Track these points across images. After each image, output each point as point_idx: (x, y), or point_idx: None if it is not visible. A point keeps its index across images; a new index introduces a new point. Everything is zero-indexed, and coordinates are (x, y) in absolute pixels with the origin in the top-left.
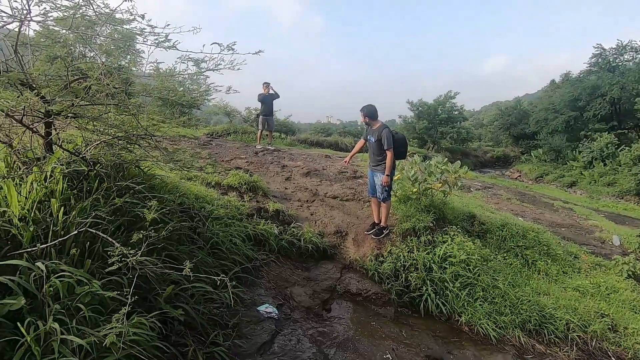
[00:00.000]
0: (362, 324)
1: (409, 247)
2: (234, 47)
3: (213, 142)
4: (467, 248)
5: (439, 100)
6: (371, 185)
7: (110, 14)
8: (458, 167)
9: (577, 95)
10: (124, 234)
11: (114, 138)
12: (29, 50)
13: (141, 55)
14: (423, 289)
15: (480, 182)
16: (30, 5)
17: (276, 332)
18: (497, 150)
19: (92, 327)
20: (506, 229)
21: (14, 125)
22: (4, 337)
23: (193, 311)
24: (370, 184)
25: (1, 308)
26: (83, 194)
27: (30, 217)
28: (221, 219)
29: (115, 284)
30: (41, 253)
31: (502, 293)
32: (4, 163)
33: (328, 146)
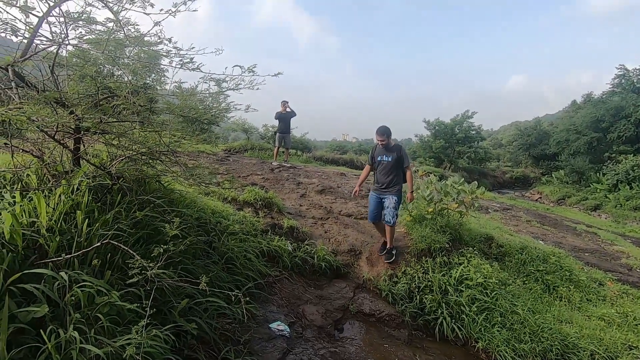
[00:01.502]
0: (374, 346)
1: (424, 268)
2: (255, 69)
3: (230, 158)
4: (484, 271)
5: (456, 120)
6: (375, 210)
7: (140, 38)
8: (475, 188)
9: (599, 116)
10: (143, 247)
11: (138, 154)
12: (67, 70)
13: (165, 75)
14: (438, 312)
15: (499, 203)
16: (68, 29)
17: (287, 351)
18: (517, 171)
19: (110, 337)
20: (526, 252)
21: (45, 140)
22: (26, 343)
23: (206, 325)
24: (373, 209)
25: (25, 315)
26: (106, 206)
27: (57, 228)
28: (236, 234)
29: (133, 296)
30: (65, 263)
31: (522, 319)
32: (35, 176)
33: (343, 164)
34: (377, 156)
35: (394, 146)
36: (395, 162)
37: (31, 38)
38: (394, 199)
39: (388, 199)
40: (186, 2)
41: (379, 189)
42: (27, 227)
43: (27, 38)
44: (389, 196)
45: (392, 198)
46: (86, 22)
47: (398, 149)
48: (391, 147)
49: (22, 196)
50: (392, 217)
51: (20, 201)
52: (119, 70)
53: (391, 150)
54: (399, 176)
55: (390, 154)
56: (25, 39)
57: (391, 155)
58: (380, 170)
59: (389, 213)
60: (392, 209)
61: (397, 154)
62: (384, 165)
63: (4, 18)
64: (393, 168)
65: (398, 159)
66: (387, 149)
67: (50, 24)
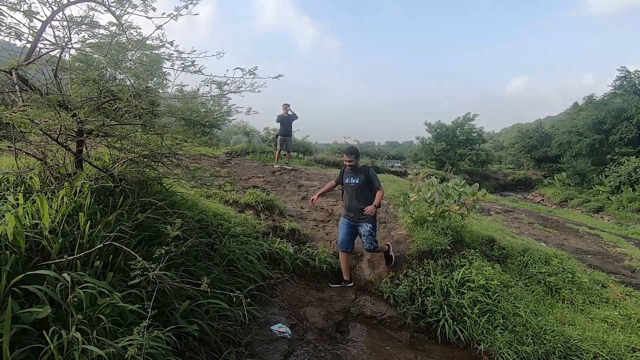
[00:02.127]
0: (376, 348)
1: (426, 270)
2: (255, 71)
3: (232, 161)
4: (486, 273)
5: (458, 122)
6: (346, 237)
7: (142, 41)
8: (476, 190)
9: (601, 118)
10: (144, 249)
11: (140, 156)
12: (68, 73)
13: (167, 78)
14: (440, 314)
15: (501, 206)
16: (71, 34)
17: (289, 353)
18: (518, 173)
19: (112, 338)
20: (528, 254)
21: (48, 143)
22: (29, 344)
23: (208, 327)
24: (343, 237)
25: (28, 316)
26: (108, 208)
27: (59, 229)
28: (237, 237)
29: (135, 297)
30: (67, 264)
31: (524, 321)
32: (39, 178)
33: None
34: (345, 178)
35: (362, 167)
36: (364, 184)
37: (35, 42)
38: (369, 226)
39: (362, 226)
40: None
41: (348, 215)
42: (30, 229)
43: (30, 42)
44: (363, 224)
45: (367, 225)
46: (89, 26)
47: (366, 170)
48: (359, 168)
49: (25, 198)
50: (372, 244)
51: (23, 203)
52: (121, 74)
53: (359, 172)
54: (371, 200)
55: (357, 175)
56: (29, 43)
57: (359, 177)
58: (349, 193)
59: (366, 241)
60: (369, 236)
61: (365, 175)
62: (352, 187)
63: (8, 22)
64: (362, 191)
65: (366, 179)
66: (354, 171)
67: (53, 28)
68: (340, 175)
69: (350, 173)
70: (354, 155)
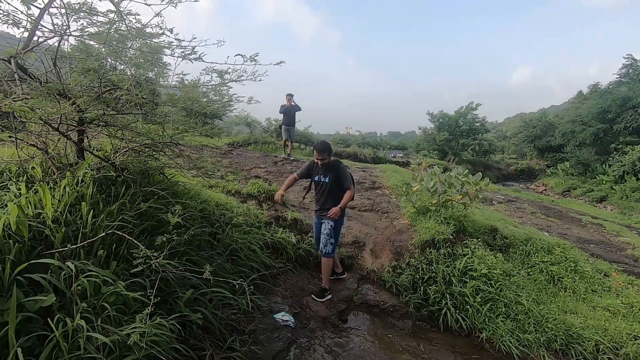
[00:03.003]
0: (379, 337)
1: (428, 260)
2: (257, 57)
3: (234, 152)
4: (488, 262)
5: (461, 112)
6: (318, 237)
7: (142, 29)
8: (479, 179)
9: (606, 107)
10: (147, 238)
11: (142, 146)
12: (68, 62)
13: (168, 68)
14: (442, 303)
15: (503, 195)
16: (70, 21)
17: (292, 341)
18: (521, 163)
19: (116, 326)
20: (530, 243)
21: (49, 133)
22: (34, 332)
23: (211, 316)
24: (317, 237)
25: (33, 304)
26: (111, 198)
27: (62, 219)
28: (240, 226)
29: (138, 286)
30: (71, 253)
31: (526, 310)
32: (40, 168)
33: (347, 157)
34: (315, 175)
35: (332, 164)
36: (334, 184)
37: (33, 30)
38: (330, 224)
39: (324, 224)
40: None
41: (318, 212)
42: (33, 218)
43: (28, 30)
44: (325, 221)
45: (329, 223)
46: (87, 14)
47: (336, 168)
48: (330, 166)
49: (27, 188)
50: (326, 246)
51: (25, 193)
52: (121, 65)
53: (330, 170)
54: (340, 198)
55: (328, 173)
56: (27, 32)
57: (329, 175)
58: (318, 192)
59: (322, 241)
60: (326, 236)
61: (335, 174)
62: (322, 186)
63: (5, 9)
64: (332, 190)
65: (336, 179)
66: (325, 168)
67: (52, 16)
68: (308, 170)
69: (321, 170)
70: (327, 152)
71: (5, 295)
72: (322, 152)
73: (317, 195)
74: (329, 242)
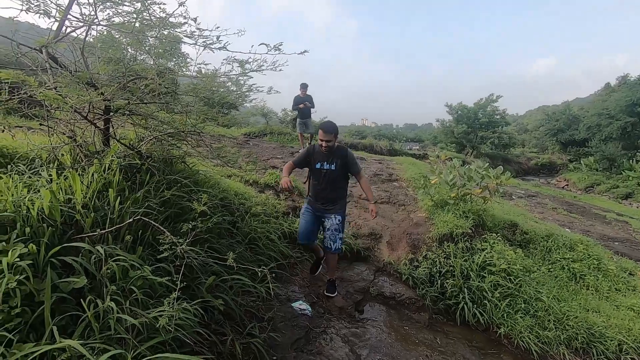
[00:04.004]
0: (395, 328)
1: (446, 253)
2: (281, 47)
3: (250, 142)
4: (508, 257)
5: (480, 104)
6: (311, 227)
7: (166, 18)
8: (500, 173)
9: (635, 100)
10: (170, 225)
11: (165, 134)
12: (95, 52)
13: (190, 58)
14: (459, 297)
15: (523, 190)
16: (97, 10)
17: (310, 329)
18: (543, 157)
19: (143, 309)
20: (551, 239)
21: (77, 121)
22: (67, 312)
23: (232, 302)
24: (308, 227)
25: (66, 285)
26: (136, 185)
27: (91, 205)
28: (258, 216)
29: (163, 271)
30: (100, 238)
31: (546, 306)
32: (69, 155)
33: (362, 149)
34: (316, 162)
35: (338, 149)
36: (341, 171)
37: (63, 19)
38: (338, 219)
39: (331, 219)
40: None
41: (318, 205)
42: (64, 203)
43: (58, 20)
44: (331, 215)
45: (336, 218)
46: (113, 3)
47: (343, 153)
48: (335, 150)
49: (58, 174)
50: (335, 242)
51: (56, 179)
52: (141, 55)
53: (334, 155)
54: (345, 189)
55: (333, 159)
56: (56, 21)
57: (335, 161)
58: (322, 182)
59: (331, 237)
60: (336, 232)
61: (343, 159)
62: (328, 175)
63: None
64: (337, 179)
65: (343, 165)
66: (330, 154)
67: (80, 5)
68: (305, 157)
69: (324, 156)
70: (334, 134)
71: (40, 276)
72: (329, 132)
73: (318, 185)
74: (338, 237)
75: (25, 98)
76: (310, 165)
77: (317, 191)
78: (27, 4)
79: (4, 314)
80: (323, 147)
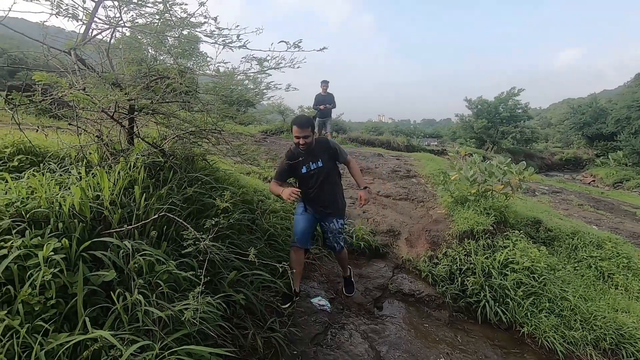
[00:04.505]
0: (414, 325)
1: (466, 250)
2: (300, 44)
3: (267, 140)
4: (531, 255)
5: (501, 98)
6: (310, 230)
7: (186, 18)
8: (523, 169)
9: None
10: (193, 221)
11: (187, 133)
12: (119, 54)
13: (210, 57)
14: (481, 295)
15: (547, 186)
16: (122, 12)
17: (329, 325)
18: (567, 152)
19: (168, 302)
20: (578, 237)
21: (103, 120)
22: (98, 304)
23: (253, 297)
24: (305, 228)
25: (97, 278)
26: (159, 182)
27: (118, 201)
28: (277, 212)
29: (187, 266)
30: (126, 233)
31: (572, 306)
32: (97, 154)
33: (380, 145)
34: (300, 167)
35: (320, 143)
36: (330, 166)
37: (89, 22)
38: (341, 222)
39: (332, 222)
40: None
41: (315, 206)
42: (93, 200)
43: (85, 23)
44: (333, 219)
45: (338, 222)
46: (137, 5)
47: (326, 144)
48: (316, 145)
49: (86, 172)
50: (339, 242)
51: (85, 176)
52: (161, 55)
53: (320, 151)
54: (340, 183)
55: (318, 156)
56: (84, 24)
57: (321, 157)
58: (314, 186)
59: (334, 239)
60: (338, 234)
61: (328, 152)
62: (318, 175)
63: (65, 4)
64: (330, 175)
65: (331, 158)
66: (310, 152)
67: (105, 8)
68: (287, 168)
69: (307, 156)
70: (310, 127)
71: (73, 269)
72: (305, 127)
73: (311, 191)
74: (341, 238)
75: (56, 99)
76: (296, 173)
77: (311, 198)
78: (56, 9)
79: (41, 305)
80: (301, 145)
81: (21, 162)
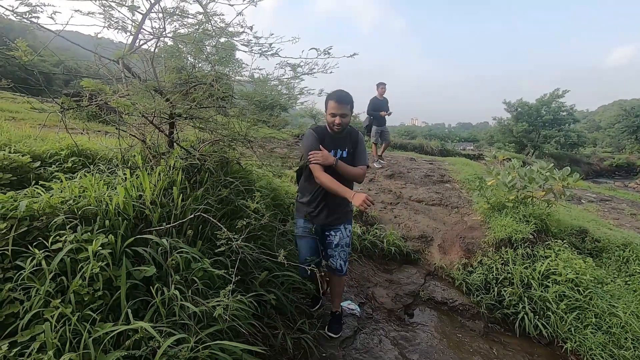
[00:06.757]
0: (447, 335)
1: (504, 259)
2: (330, 50)
3: (299, 144)
4: (576, 266)
5: (543, 100)
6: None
7: (225, 28)
8: (567, 174)
9: None
10: (227, 222)
11: (223, 137)
12: (162, 62)
13: (245, 64)
14: (519, 307)
15: (594, 194)
16: (166, 23)
17: (358, 329)
18: (618, 158)
19: (203, 298)
20: (630, 249)
21: (146, 125)
22: (139, 297)
23: (283, 298)
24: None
25: (138, 273)
26: (196, 184)
27: (158, 201)
28: None
29: (220, 264)
30: (165, 232)
31: (622, 323)
32: (140, 156)
33: (412, 149)
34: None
35: (353, 132)
36: (350, 158)
37: (136, 33)
38: (349, 229)
39: (340, 230)
40: None
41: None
42: (136, 199)
43: (132, 34)
44: (341, 226)
45: (346, 228)
46: (180, 17)
47: (356, 136)
48: (348, 133)
49: (130, 173)
50: (346, 262)
51: (129, 177)
52: (199, 62)
53: (349, 139)
54: (348, 184)
55: (346, 144)
56: (131, 35)
57: (347, 148)
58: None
59: (340, 255)
60: (347, 247)
61: (354, 145)
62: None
63: (116, 17)
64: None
65: (353, 154)
66: (343, 136)
67: (151, 20)
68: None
69: (335, 141)
70: (350, 106)
71: (117, 264)
72: (346, 103)
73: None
74: (347, 254)
75: (102, 105)
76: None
77: (324, 195)
78: (108, 21)
79: (90, 295)
80: (336, 125)
81: (74, 163)
